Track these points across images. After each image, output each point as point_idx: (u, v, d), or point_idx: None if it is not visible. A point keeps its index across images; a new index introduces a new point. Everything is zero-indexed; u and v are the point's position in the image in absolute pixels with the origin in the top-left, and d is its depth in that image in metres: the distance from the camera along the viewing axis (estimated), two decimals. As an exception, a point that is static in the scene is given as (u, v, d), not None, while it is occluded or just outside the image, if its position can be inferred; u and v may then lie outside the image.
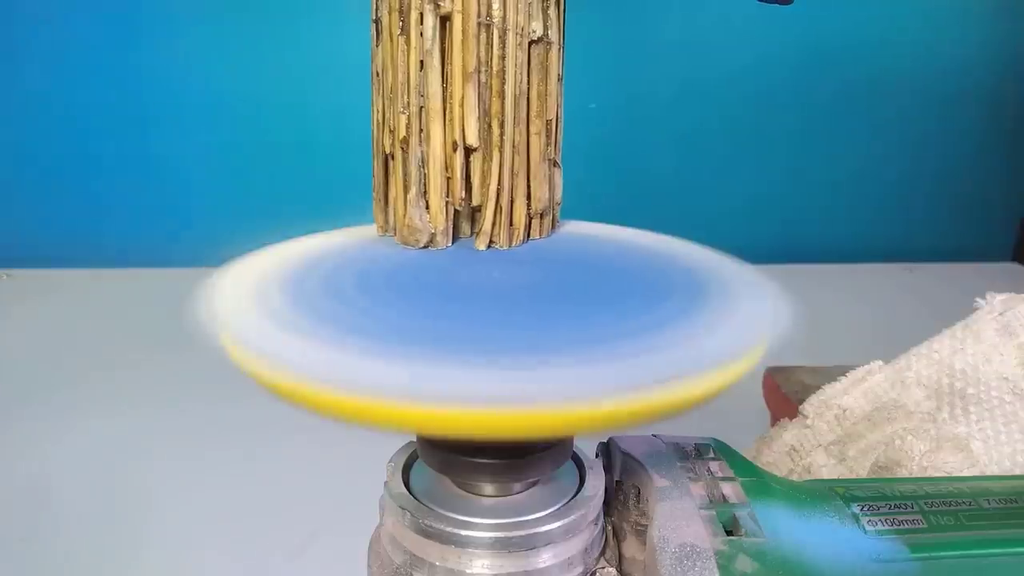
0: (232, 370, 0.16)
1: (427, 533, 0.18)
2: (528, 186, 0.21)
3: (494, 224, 0.21)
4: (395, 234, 0.21)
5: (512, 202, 0.21)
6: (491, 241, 0.21)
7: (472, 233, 0.22)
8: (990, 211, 0.83)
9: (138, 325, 0.56)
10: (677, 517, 0.18)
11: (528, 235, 0.22)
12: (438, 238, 0.21)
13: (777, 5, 0.22)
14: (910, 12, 0.74)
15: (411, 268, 0.20)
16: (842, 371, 0.34)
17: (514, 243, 0.22)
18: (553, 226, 0.23)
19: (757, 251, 0.21)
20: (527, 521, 0.18)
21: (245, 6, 0.65)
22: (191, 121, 0.67)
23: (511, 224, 0.21)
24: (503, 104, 0.20)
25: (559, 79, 0.21)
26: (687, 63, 0.72)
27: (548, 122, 0.21)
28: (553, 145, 0.22)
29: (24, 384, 0.48)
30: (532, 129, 0.21)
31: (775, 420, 0.37)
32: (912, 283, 0.73)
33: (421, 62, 0.20)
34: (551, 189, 0.22)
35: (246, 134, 0.68)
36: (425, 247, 0.21)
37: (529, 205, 0.21)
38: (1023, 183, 0.82)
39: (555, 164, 0.22)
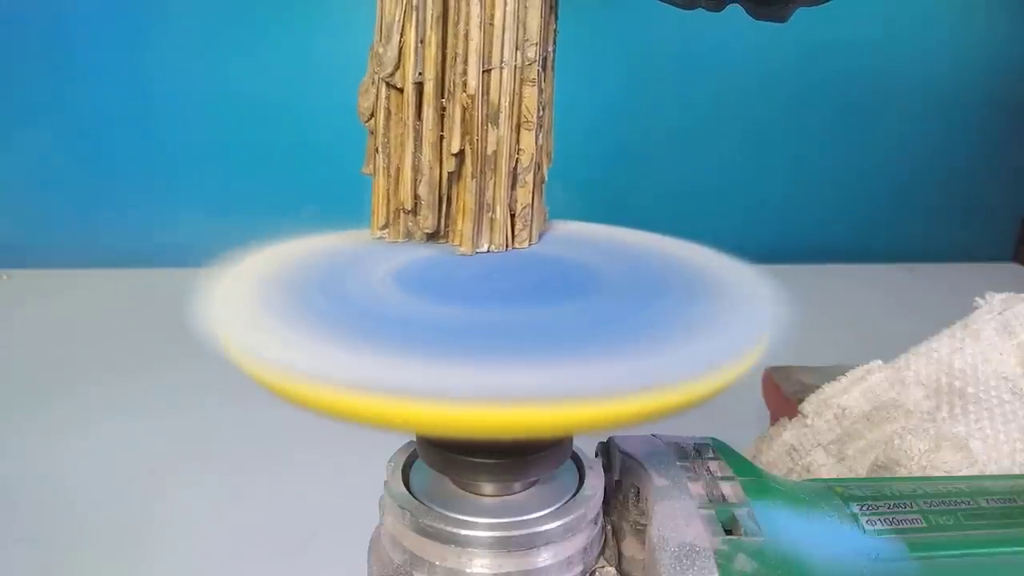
0: (232, 370, 0.16)
1: (427, 533, 0.18)
2: (513, 200, 0.21)
3: (480, 231, 0.21)
4: (386, 231, 0.22)
5: (498, 213, 0.21)
6: (478, 248, 0.21)
7: (460, 239, 0.22)
8: (990, 211, 0.83)
9: (138, 325, 0.56)
10: (676, 516, 0.18)
11: (514, 241, 0.22)
12: (424, 240, 0.21)
13: (774, 22, 0.22)
14: (910, 13, 0.74)
15: (408, 270, 0.20)
16: (841, 371, 0.34)
17: (503, 248, 0.22)
18: (541, 236, 0.23)
19: (757, 251, 0.21)
20: (527, 520, 0.18)
21: (246, 6, 0.65)
22: (192, 122, 0.67)
23: (496, 232, 0.21)
24: (489, 120, 0.20)
25: (550, 100, 0.21)
26: (687, 63, 0.72)
27: (536, 137, 0.21)
28: (543, 156, 0.22)
29: (24, 385, 0.48)
30: (521, 144, 0.21)
31: (775, 420, 0.37)
32: (912, 283, 0.73)
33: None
34: (536, 204, 0.22)
35: (248, 135, 0.68)
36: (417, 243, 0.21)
37: (514, 221, 0.22)
38: (1023, 183, 0.82)
39: (542, 180, 0.22)
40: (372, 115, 0.21)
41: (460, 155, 0.21)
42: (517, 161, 0.21)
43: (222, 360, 0.16)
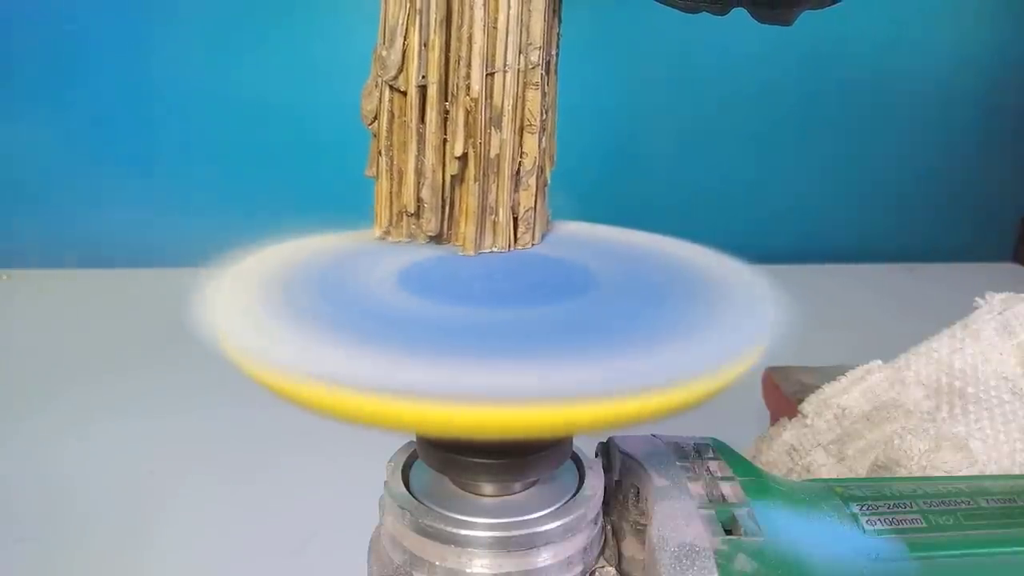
0: (232, 370, 0.16)
1: (427, 533, 0.18)
2: (516, 203, 0.21)
3: (483, 234, 0.21)
4: (389, 234, 0.22)
5: (500, 216, 0.21)
6: (481, 250, 0.21)
7: (463, 242, 0.22)
8: (990, 211, 0.83)
9: (138, 325, 0.56)
10: (676, 516, 0.18)
11: (516, 243, 0.22)
12: (427, 242, 0.21)
13: (778, 26, 0.22)
14: (910, 13, 0.74)
15: (410, 271, 0.20)
16: (841, 371, 0.34)
17: (505, 250, 0.22)
18: (543, 237, 0.23)
19: (758, 251, 0.21)
20: (526, 520, 0.18)
21: (249, 9, 0.65)
22: (192, 122, 0.67)
23: (499, 235, 0.21)
24: (492, 123, 0.20)
25: (553, 103, 0.21)
26: (688, 64, 0.72)
27: (539, 140, 0.21)
28: (546, 159, 0.22)
29: (23, 385, 0.48)
30: (524, 147, 0.21)
31: (775, 420, 0.37)
32: (912, 283, 0.73)
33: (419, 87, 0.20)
34: (539, 207, 0.22)
35: (250, 136, 0.68)
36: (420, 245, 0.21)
37: (517, 223, 0.22)
38: (1023, 183, 0.82)
39: (545, 183, 0.22)
40: (375, 118, 0.21)
41: (463, 158, 0.21)
42: (520, 164, 0.21)
43: (222, 360, 0.16)
